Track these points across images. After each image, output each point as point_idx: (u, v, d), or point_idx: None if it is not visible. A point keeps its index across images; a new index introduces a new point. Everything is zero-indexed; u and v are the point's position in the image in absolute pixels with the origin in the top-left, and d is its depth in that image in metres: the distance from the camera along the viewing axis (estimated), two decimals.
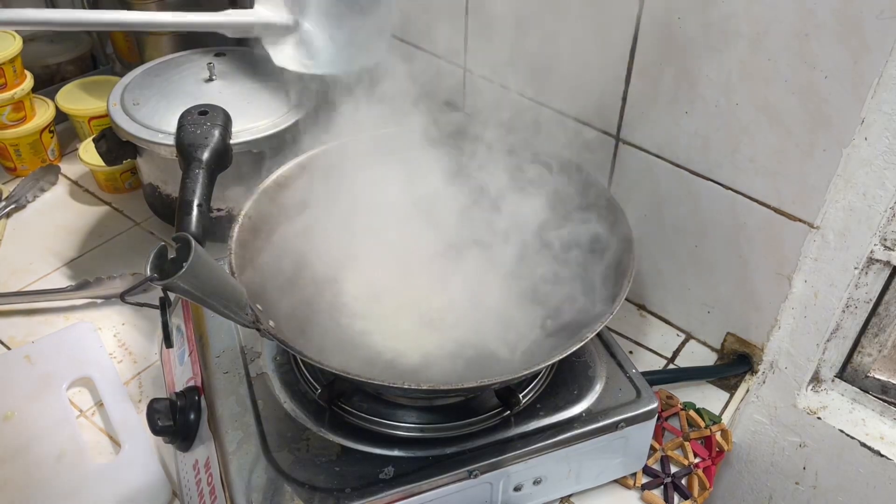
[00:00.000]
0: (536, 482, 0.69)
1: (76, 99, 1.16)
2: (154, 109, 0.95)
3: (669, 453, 0.79)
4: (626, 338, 0.92)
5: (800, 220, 0.74)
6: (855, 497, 0.86)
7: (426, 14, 0.97)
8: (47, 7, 1.25)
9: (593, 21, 0.79)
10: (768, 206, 0.76)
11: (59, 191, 1.13)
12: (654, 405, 0.70)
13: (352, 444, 0.65)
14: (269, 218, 0.75)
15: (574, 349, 0.61)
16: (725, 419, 0.84)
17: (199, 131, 0.78)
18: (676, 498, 0.75)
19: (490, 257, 0.83)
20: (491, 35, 0.90)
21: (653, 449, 0.79)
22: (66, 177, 1.15)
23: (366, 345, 0.72)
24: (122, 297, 0.90)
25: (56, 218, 1.08)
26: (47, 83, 1.23)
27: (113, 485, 0.74)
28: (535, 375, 0.71)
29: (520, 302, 0.79)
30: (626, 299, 0.65)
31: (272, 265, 0.74)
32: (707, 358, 0.90)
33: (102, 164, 0.98)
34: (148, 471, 0.76)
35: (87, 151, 1.07)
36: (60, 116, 1.16)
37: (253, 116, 0.95)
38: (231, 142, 0.81)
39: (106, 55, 1.32)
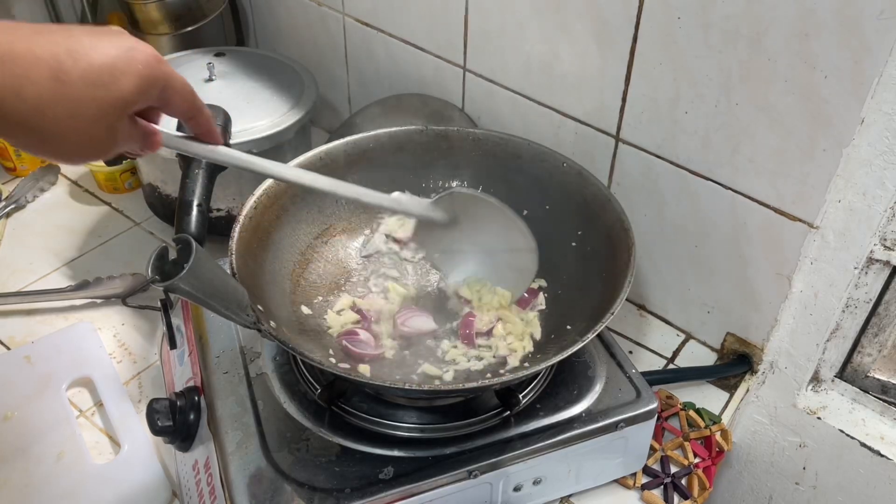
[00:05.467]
0: (536, 482, 0.69)
1: None
2: None
3: (669, 453, 0.79)
4: (626, 338, 0.92)
5: (800, 220, 0.74)
6: (855, 497, 0.86)
7: (427, 13, 0.97)
8: (47, 8, 1.25)
9: (593, 21, 0.79)
10: (768, 207, 0.76)
11: (59, 191, 1.13)
12: (654, 405, 0.70)
13: (352, 444, 0.66)
14: (269, 218, 0.75)
15: (574, 349, 0.61)
16: (725, 419, 0.84)
17: None
18: (676, 498, 0.75)
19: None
20: (491, 35, 0.90)
21: (653, 449, 0.79)
22: (65, 177, 1.15)
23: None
24: (124, 301, 0.91)
25: (56, 218, 1.08)
26: None
27: (113, 485, 0.74)
28: (535, 376, 0.71)
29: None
30: (626, 299, 0.65)
31: (273, 266, 0.74)
32: (707, 358, 0.90)
33: (102, 164, 0.98)
34: (148, 471, 0.76)
35: None
36: None
37: (253, 116, 0.94)
38: (231, 142, 0.81)
39: None
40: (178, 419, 0.69)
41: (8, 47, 0.43)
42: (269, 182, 0.75)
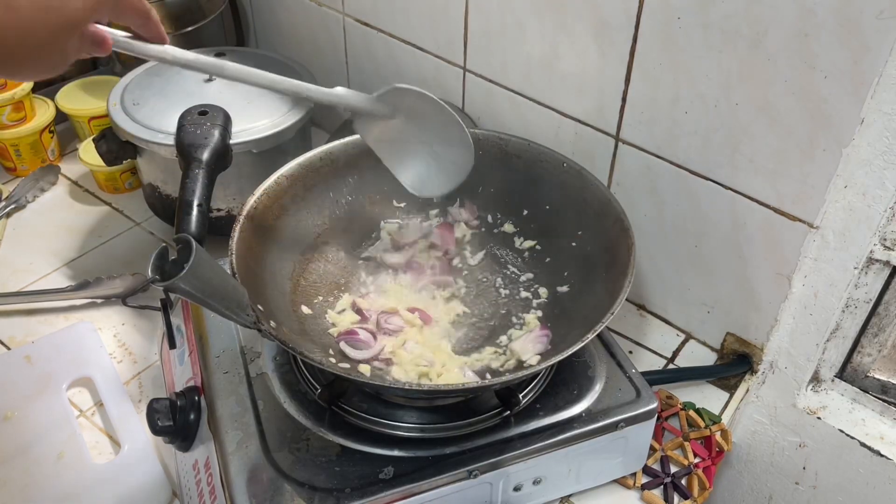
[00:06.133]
0: (536, 482, 0.69)
1: (76, 99, 1.15)
2: (154, 109, 0.95)
3: (669, 453, 0.79)
4: (626, 338, 0.92)
5: (800, 220, 0.74)
6: (855, 497, 0.86)
7: (427, 13, 0.97)
8: None
9: (593, 21, 0.79)
10: (768, 206, 0.76)
11: (59, 191, 1.13)
12: (654, 405, 0.70)
13: (352, 444, 0.65)
14: (270, 218, 0.75)
15: (574, 350, 0.61)
16: (725, 419, 0.84)
17: (199, 131, 0.78)
18: (676, 498, 0.75)
19: (489, 257, 0.83)
20: (491, 35, 0.90)
21: (653, 449, 0.79)
22: (66, 177, 1.15)
23: None
24: (124, 301, 0.91)
25: (56, 218, 1.08)
26: (47, 83, 1.23)
27: (113, 485, 0.74)
28: (534, 376, 0.71)
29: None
30: (626, 299, 0.65)
31: (273, 265, 0.74)
32: (707, 358, 0.90)
33: (102, 164, 0.98)
34: (148, 471, 0.76)
35: (87, 151, 1.07)
36: (60, 116, 1.16)
37: (253, 116, 0.94)
38: (231, 142, 0.81)
39: None
40: (178, 419, 0.69)
41: None
42: (269, 182, 0.75)
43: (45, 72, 0.50)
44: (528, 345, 0.71)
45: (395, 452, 0.65)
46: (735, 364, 0.87)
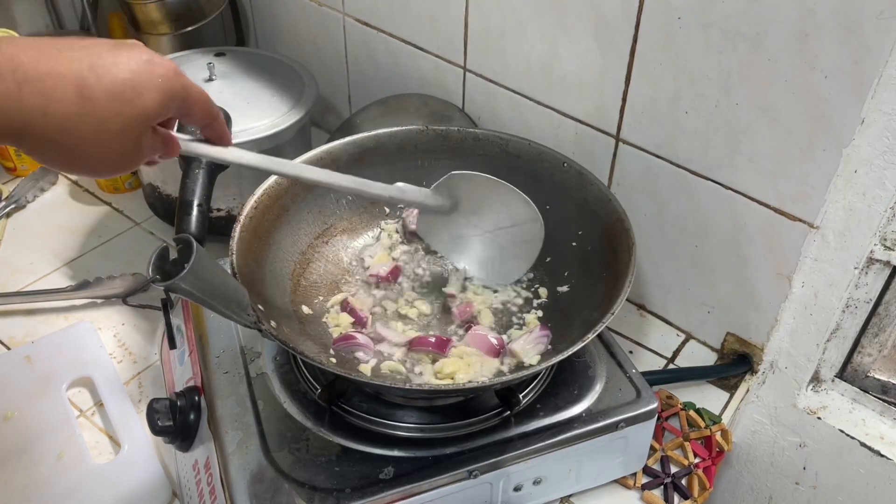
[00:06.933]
0: (536, 482, 0.69)
1: None
2: None
3: (669, 453, 0.79)
4: (626, 338, 0.92)
5: (800, 221, 0.74)
6: (855, 497, 0.86)
7: (427, 13, 0.97)
8: (47, 8, 1.25)
9: (593, 21, 0.79)
10: (768, 207, 0.76)
11: (59, 191, 1.13)
12: (654, 405, 0.70)
13: (352, 444, 0.66)
14: (270, 218, 0.75)
15: (574, 349, 0.61)
16: (725, 419, 0.84)
17: (199, 131, 0.78)
18: (676, 498, 0.75)
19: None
20: (491, 35, 0.91)
21: (653, 449, 0.79)
22: (65, 177, 1.15)
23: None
24: (125, 300, 0.91)
25: (56, 218, 1.08)
26: None
27: (113, 485, 0.74)
28: (535, 376, 0.71)
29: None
30: (627, 299, 0.65)
31: (273, 265, 0.74)
32: (707, 358, 0.90)
33: None
34: (148, 471, 0.76)
35: None
36: None
37: (253, 116, 0.95)
38: (231, 142, 0.81)
39: None
40: (178, 419, 0.69)
41: (32, 66, 0.44)
42: (269, 182, 0.75)
43: (122, 165, 0.50)
44: (528, 345, 0.71)
45: (395, 452, 0.65)
46: (735, 364, 0.87)
